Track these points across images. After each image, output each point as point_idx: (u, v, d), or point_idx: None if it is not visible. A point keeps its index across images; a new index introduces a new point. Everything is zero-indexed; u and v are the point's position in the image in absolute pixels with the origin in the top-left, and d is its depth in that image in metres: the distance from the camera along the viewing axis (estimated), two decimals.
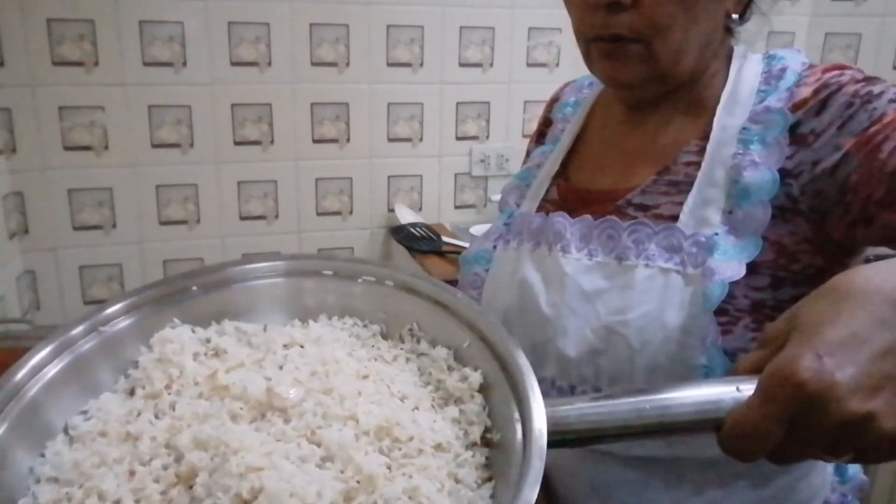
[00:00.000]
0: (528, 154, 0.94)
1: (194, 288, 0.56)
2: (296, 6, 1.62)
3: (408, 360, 0.54)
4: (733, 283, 0.62)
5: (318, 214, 1.77)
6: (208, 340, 0.54)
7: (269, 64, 1.64)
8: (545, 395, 0.62)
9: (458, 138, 1.84)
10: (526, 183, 0.84)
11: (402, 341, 0.56)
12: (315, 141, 1.72)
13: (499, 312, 0.76)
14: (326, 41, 1.67)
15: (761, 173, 0.64)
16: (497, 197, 1.84)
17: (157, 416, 0.48)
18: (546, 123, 0.90)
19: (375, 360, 0.54)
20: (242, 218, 1.72)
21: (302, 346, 0.54)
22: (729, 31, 0.73)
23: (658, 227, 0.67)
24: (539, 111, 0.96)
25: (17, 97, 1.49)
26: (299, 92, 1.68)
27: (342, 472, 0.43)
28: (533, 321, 0.72)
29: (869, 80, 0.63)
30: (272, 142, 1.69)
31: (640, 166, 0.73)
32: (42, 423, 0.48)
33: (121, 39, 1.53)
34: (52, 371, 0.50)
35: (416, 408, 0.49)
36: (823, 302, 0.41)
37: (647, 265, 0.66)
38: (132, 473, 0.44)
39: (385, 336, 0.57)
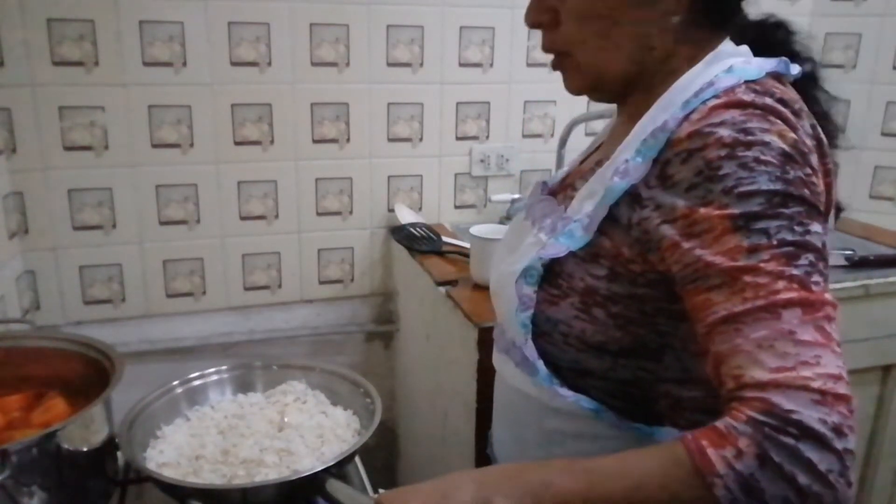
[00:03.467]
0: None
1: (275, 367, 1.13)
2: (296, 6, 1.62)
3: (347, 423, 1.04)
4: (572, 264, 0.71)
5: (318, 214, 1.78)
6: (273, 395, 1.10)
7: (269, 64, 1.64)
8: (497, 335, 0.88)
9: (458, 138, 1.84)
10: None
11: (346, 410, 1.06)
12: (315, 141, 1.72)
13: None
14: (326, 41, 1.67)
15: (618, 183, 0.68)
16: (497, 197, 1.86)
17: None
18: None
19: (326, 415, 1.04)
20: (242, 218, 1.72)
21: (305, 402, 1.06)
22: (692, 30, 0.71)
23: (557, 206, 0.78)
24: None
25: (17, 97, 1.49)
26: (299, 92, 1.68)
27: (281, 426, 1.00)
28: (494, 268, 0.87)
29: (735, 145, 0.61)
30: (272, 142, 1.69)
31: (598, 155, 0.81)
32: (191, 399, 1.08)
33: (121, 39, 1.53)
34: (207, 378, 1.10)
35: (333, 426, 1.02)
36: (437, 479, 0.67)
37: (535, 234, 0.78)
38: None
39: (345, 409, 1.07)
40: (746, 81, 0.66)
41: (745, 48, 0.73)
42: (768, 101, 0.64)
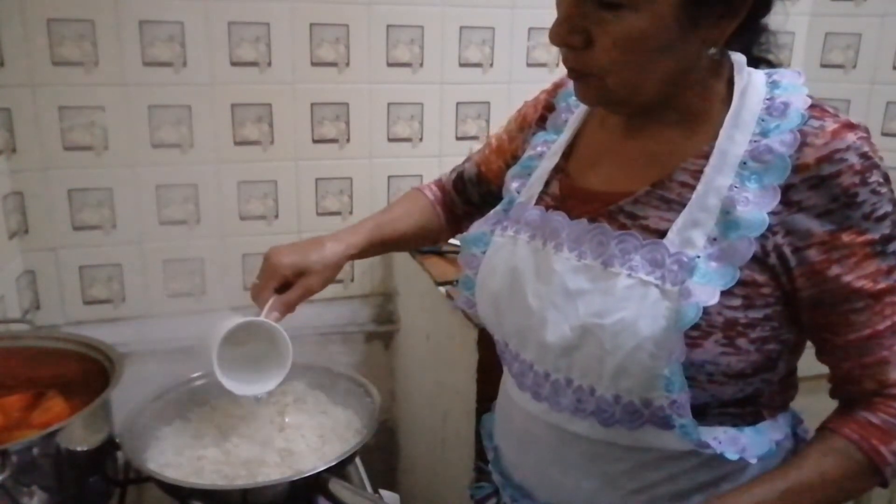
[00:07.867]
0: (521, 122, 0.96)
1: None
2: (296, 6, 1.62)
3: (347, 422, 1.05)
4: None
5: (318, 214, 1.78)
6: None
7: (269, 64, 1.64)
8: (523, 375, 0.82)
9: (458, 138, 1.84)
10: (528, 171, 0.86)
11: (346, 409, 1.07)
12: (315, 141, 1.72)
13: (491, 295, 0.82)
14: (326, 41, 1.67)
15: (753, 212, 0.66)
16: None
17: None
18: (549, 108, 0.92)
19: (327, 414, 1.05)
20: (242, 218, 1.72)
21: (305, 402, 1.06)
22: (724, 45, 0.72)
23: (645, 240, 0.70)
24: None
25: (17, 97, 1.49)
26: (299, 92, 1.68)
27: (282, 426, 1.00)
28: (519, 308, 0.78)
29: (864, 171, 0.66)
30: (272, 142, 1.69)
31: (635, 173, 0.75)
32: (191, 400, 1.08)
33: (121, 39, 1.53)
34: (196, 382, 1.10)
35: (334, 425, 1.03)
36: None
37: (629, 275, 0.70)
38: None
39: (345, 408, 1.07)
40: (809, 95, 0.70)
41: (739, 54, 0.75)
42: (853, 119, 0.68)
